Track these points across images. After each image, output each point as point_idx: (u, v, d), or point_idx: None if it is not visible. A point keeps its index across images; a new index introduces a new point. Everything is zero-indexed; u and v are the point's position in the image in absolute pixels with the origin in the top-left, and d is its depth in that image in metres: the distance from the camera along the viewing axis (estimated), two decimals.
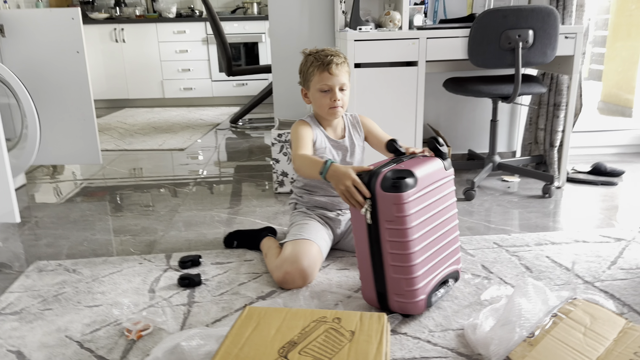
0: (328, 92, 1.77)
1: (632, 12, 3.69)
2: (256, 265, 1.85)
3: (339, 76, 1.76)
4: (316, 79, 1.77)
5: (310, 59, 1.79)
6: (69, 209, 2.52)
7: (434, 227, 1.48)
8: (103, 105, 5.75)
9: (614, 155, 3.29)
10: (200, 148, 3.77)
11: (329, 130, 1.90)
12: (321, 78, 1.76)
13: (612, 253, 1.90)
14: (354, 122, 1.95)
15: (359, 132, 1.93)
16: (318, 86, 1.78)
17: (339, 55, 1.78)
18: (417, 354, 1.33)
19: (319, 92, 1.79)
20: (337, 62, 1.75)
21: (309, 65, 1.79)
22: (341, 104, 1.79)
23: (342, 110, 1.81)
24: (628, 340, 1.19)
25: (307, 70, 1.80)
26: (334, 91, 1.77)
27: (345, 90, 1.80)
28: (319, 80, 1.77)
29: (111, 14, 5.69)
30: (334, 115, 1.82)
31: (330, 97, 1.78)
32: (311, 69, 1.78)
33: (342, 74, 1.77)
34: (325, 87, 1.77)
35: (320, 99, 1.79)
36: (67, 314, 1.56)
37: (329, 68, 1.74)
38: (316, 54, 1.79)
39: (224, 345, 1.11)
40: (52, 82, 2.65)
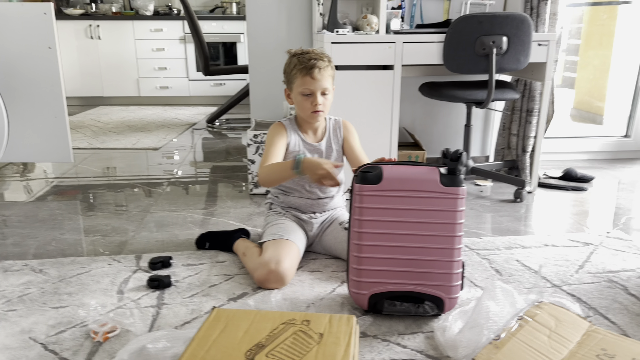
0: (310, 96, 1.77)
1: (604, 21, 3.78)
2: (228, 267, 1.84)
3: (321, 81, 1.75)
4: (299, 82, 1.77)
5: (293, 61, 1.78)
6: (38, 208, 2.47)
7: (403, 235, 1.45)
8: (77, 103, 5.66)
9: (584, 161, 3.36)
10: (175, 148, 3.73)
11: (308, 132, 1.90)
12: (303, 82, 1.76)
13: (580, 257, 1.94)
14: (336, 127, 1.94)
15: (338, 138, 1.93)
16: (300, 89, 1.77)
17: (322, 59, 1.76)
18: (387, 356, 1.34)
19: (301, 95, 1.78)
20: (321, 67, 1.74)
21: (292, 68, 1.78)
22: (322, 108, 1.79)
23: (323, 114, 1.82)
24: (591, 343, 1.21)
25: (290, 73, 1.80)
26: (315, 95, 1.76)
27: (328, 94, 1.79)
28: (301, 83, 1.76)
29: (87, 10, 5.60)
30: (315, 119, 1.83)
31: (312, 101, 1.77)
32: (294, 71, 1.77)
33: (325, 79, 1.76)
34: (307, 91, 1.76)
35: (302, 103, 1.79)
36: (31, 315, 1.52)
37: (311, 72, 1.74)
38: (300, 56, 1.77)
39: (190, 347, 1.09)
40: (22, 78, 2.59)
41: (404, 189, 1.44)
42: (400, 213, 1.44)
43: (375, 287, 1.48)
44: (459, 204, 1.44)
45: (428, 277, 1.46)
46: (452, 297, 1.48)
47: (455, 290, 1.48)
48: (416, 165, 1.48)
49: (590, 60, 3.97)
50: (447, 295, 1.47)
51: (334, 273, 1.79)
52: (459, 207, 1.44)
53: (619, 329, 1.46)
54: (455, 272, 1.46)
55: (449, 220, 1.44)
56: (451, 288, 1.47)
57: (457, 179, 1.44)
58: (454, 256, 1.45)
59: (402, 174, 1.45)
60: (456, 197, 1.43)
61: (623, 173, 3.12)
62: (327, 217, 1.95)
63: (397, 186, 1.44)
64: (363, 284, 1.49)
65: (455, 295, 1.48)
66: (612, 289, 1.69)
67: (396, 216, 1.45)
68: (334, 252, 1.91)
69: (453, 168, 1.44)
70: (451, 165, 1.45)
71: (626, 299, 1.63)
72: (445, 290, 1.47)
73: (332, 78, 1.81)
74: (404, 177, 1.44)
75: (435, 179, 1.44)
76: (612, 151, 3.43)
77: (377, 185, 1.44)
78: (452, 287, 1.47)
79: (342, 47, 2.40)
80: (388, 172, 1.45)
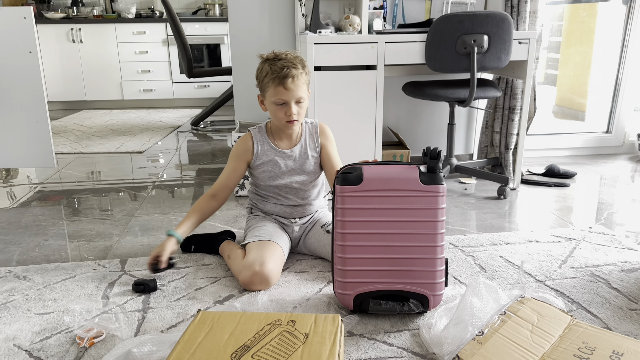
0: (283, 106, 1.72)
1: (584, 19, 3.82)
2: (214, 269, 1.84)
3: (295, 90, 1.69)
4: (271, 91, 1.71)
5: (265, 69, 1.71)
6: (21, 214, 2.44)
7: (386, 234, 1.46)
8: (59, 107, 5.61)
9: (567, 157, 3.40)
10: (160, 151, 3.72)
11: (282, 138, 1.85)
12: (276, 92, 1.69)
13: (563, 252, 1.96)
14: (313, 131, 1.88)
15: (315, 142, 1.88)
16: (273, 99, 1.72)
17: (296, 66, 1.68)
18: (373, 354, 1.35)
19: (274, 104, 1.73)
20: (294, 75, 1.67)
21: (264, 75, 1.71)
22: (297, 118, 1.74)
23: (298, 123, 1.78)
24: (572, 336, 1.23)
25: (262, 80, 1.73)
26: (290, 105, 1.71)
27: (303, 102, 1.74)
28: (274, 93, 1.70)
29: (68, 13, 5.56)
30: (289, 128, 1.79)
31: (286, 111, 1.72)
32: (266, 80, 1.70)
33: (299, 87, 1.69)
34: (280, 101, 1.71)
35: (276, 112, 1.74)
36: (16, 322, 1.51)
37: (284, 82, 1.67)
38: (272, 64, 1.69)
39: (175, 350, 1.09)
40: (3, 83, 2.57)
41: (384, 188, 1.44)
42: (382, 213, 1.45)
43: (360, 287, 1.49)
44: (440, 202, 1.45)
45: (412, 275, 1.47)
46: (437, 294, 1.49)
47: (439, 288, 1.49)
48: (396, 164, 1.49)
49: (571, 57, 4.02)
50: (432, 293, 1.48)
51: (320, 273, 1.80)
52: (439, 205, 1.45)
53: (602, 322, 1.49)
54: (438, 270, 1.47)
55: (430, 218, 1.45)
56: (435, 285, 1.48)
57: (436, 177, 1.45)
58: (436, 254, 1.46)
59: (383, 173, 1.45)
60: (437, 195, 1.44)
61: (605, 168, 3.16)
62: (309, 220, 1.95)
63: (378, 186, 1.44)
64: (348, 285, 1.49)
65: (439, 293, 1.49)
66: (595, 283, 1.72)
67: (378, 216, 1.45)
68: (318, 255, 1.91)
69: (432, 166, 1.45)
70: (431, 163, 1.45)
71: (608, 293, 1.65)
72: (429, 288, 1.48)
73: (306, 85, 1.74)
74: (384, 177, 1.45)
75: (415, 177, 1.44)
76: (593, 147, 3.48)
77: (358, 186, 1.45)
78: (435, 284, 1.48)
79: (325, 48, 2.41)
80: (369, 173, 1.45)
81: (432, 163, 1.45)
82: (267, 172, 1.85)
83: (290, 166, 1.86)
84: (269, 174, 1.85)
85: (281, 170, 1.85)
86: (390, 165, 1.49)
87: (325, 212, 2.00)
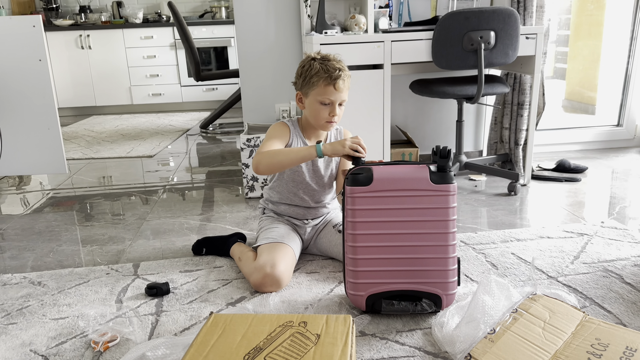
0: (328, 106, 1.73)
1: (592, 11, 3.79)
2: (226, 271, 1.85)
3: (342, 92, 1.72)
4: (319, 90, 1.71)
5: (316, 67, 1.71)
6: (35, 220, 2.47)
7: (397, 235, 1.46)
8: (70, 113, 5.66)
9: (577, 152, 3.38)
10: (170, 154, 3.74)
11: (311, 138, 1.87)
12: (325, 91, 1.70)
13: (575, 248, 1.95)
14: (338, 136, 1.92)
15: None
16: (319, 98, 1.72)
17: (345, 70, 1.73)
18: (386, 354, 1.35)
19: (318, 103, 1.73)
20: (344, 78, 1.71)
21: (313, 73, 1.71)
22: (337, 120, 1.76)
23: (335, 124, 1.79)
24: (585, 333, 1.22)
25: (310, 78, 1.73)
26: (334, 106, 1.73)
27: (343, 105, 1.77)
28: (322, 92, 1.71)
29: (76, 20, 5.61)
30: (327, 128, 1.80)
31: (330, 111, 1.73)
32: (315, 78, 1.70)
33: (345, 90, 1.73)
34: (327, 100, 1.72)
35: (319, 110, 1.74)
36: (31, 328, 1.53)
37: (335, 83, 1.69)
38: (324, 63, 1.71)
39: (188, 353, 1.10)
40: (14, 91, 2.60)
41: (395, 188, 1.44)
42: (393, 213, 1.45)
43: (372, 287, 1.49)
44: (451, 201, 1.44)
45: (424, 275, 1.47)
46: (449, 293, 1.48)
47: (452, 287, 1.48)
48: (406, 164, 1.49)
49: (580, 51, 3.99)
50: (444, 292, 1.47)
51: (331, 274, 1.80)
52: (450, 204, 1.44)
53: (615, 317, 1.48)
54: (450, 269, 1.47)
55: (441, 218, 1.44)
56: (448, 284, 1.47)
57: (447, 176, 1.44)
58: (448, 253, 1.45)
59: (393, 173, 1.45)
60: (447, 194, 1.43)
61: (616, 162, 3.14)
62: (321, 221, 1.96)
63: (388, 186, 1.44)
64: (360, 285, 1.49)
65: (452, 292, 1.49)
66: (608, 278, 1.71)
67: (389, 216, 1.45)
68: (329, 255, 1.92)
69: (442, 165, 1.44)
70: (441, 162, 1.44)
71: (622, 288, 1.64)
72: (442, 287, 1.47)
73: (348, 89, 1.77)
74: (394, 177, 1.44)
75: (426, 176, 1.44)
76: (604, 140, 3.45)
77: (368, 187, 1.45)
78: (448, 283, 1.47)
79: (331, 48, 2.41)
80: (378, 173, 1.45)
81: (442, 162, 1.44)
82: (293, 168, 1.85)
83: (315, 166, 1.87)
84: (294, 169, 1.85)
85: (308, 167, 1.86)
86: (400, 165, 1.49)
87: (337, 213, 2.00)
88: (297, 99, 1.83)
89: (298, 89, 1.80)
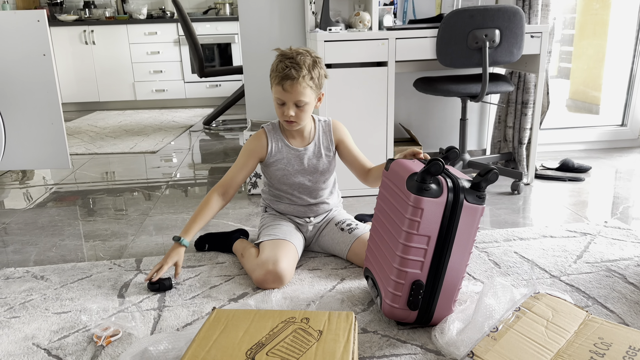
0: (282, 105, 1.72)
1: (597, 11, 3.78)
2: (228, 267, 1.85)
3: (293, 93, 1.67)
4: (274, 89, 1.72)
5: (273, 65, 1.71)
6: (38, 215, 2.48)
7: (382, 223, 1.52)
8: (73, 109, 5.67)
9: (581, 151, 3.37)
10: (173, 150, 3.74)
11: (295, 137, 1.85)
12: (276, 90, 1.70)
13: (578, 247, 1.95)
14: (326, 129, 1.88)
15: (329, 140, 1.87)
16: (275, 96, 1.73)
17: (300, 69, 1.65)
18: (388, 351, 1.35)
19: (275, 102, 1.75)
20: (294, 78, 1.64)
21: (271, 71, 1.73)
22: (295, 119, 1.72)
23: (297, 124, 1.76)
24: (588, 332, 1.22)
25: (270, 74, 1.74)
26: (288, 106, 1.70)
27: (303, 106, 1.70)
28: (274, 91, 1.72)
29: (80, 15, 5.61)
30: (289, 127, 1.78)
31: (284, 111, 1.72)
32: (272, 75, 1.71)
33: (298, 91, 1.66)
34: (279, 100, 1.72)
35: (277, 109, 1.75)
36: (34, 322, 1.53)
37: (283, 83, 1.67)
38: (280, 62, 1.68)
39: (191, 348, 1.11)
40: (18, 86, 2.60)
41: (393, 180, 1.48)
42: (387, 203, 1.50)
43: (367, 262, 1.61)
44: (412, 212, 1.31)
45: (382, 272, 1.45)
46: (389, 303, 1.40)
47: (393, 298, 1.38)
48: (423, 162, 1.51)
49: (585, 50, 3.98)
50: (386, 298, 1.41)
51: (333, 271, 1.80)
52: (412, 215, 1.32)
53: (618, 317, 1.47)
54: (395, 279, 1.37)
55: (402, 225, 1.34)
56: (391, 294, 1.39)
57: (418, 186, 1.31)
58: (395, 261, 1.36)
59: (402, 167, 1.45)
60: (411, 205, 1.31)
61: (620, 162, 3.13)
62: (323, 219, 1.95)
63: (392, 177, 1.49)
64: (366, 256, 1.63)
65: (392, 304, 1.39)
66: (611, 278, 1.71)
67: (385, 204, 1.52)
68: (331, 252, 1.92)
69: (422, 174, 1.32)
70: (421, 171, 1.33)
71: (625, 288, 1.64)
72: (385, 292, 1.42)
73: (311, 88, 1.70)
74: (398, 171, 1.46)
75: (404, 178, 1.37)
76: (608, 140, 3.44)
77: (387, 172, 1.55)
78: (391, 293, 1.38)
79: (335, 45, 2.41)
80: (396, 163, 1.50)
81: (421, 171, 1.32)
82: (280, 170, 1.85)
83: (303, 164, 1.85)
84: (282, 172, 1.85)
85: (294, 168, 1.85)
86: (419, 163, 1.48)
87: (339, 211, 1.99)
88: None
89: None
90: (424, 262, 1.35)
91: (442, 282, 1.37)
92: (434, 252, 1.35)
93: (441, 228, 1.33)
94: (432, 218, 1.32)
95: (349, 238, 1.84)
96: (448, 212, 1.33)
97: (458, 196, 1.33)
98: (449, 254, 1.35)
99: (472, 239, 1.36)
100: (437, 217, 1.32)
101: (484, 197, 1.36)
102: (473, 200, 1.34)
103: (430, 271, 1.37)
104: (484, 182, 1.35)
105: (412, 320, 1.42)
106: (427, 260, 1.35)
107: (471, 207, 1.34)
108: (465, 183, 1.36)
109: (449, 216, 1.33)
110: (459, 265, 1.37)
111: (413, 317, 1.41)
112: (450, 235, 1.34)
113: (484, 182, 1.35)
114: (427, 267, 1.36)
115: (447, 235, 1.34)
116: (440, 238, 1.34)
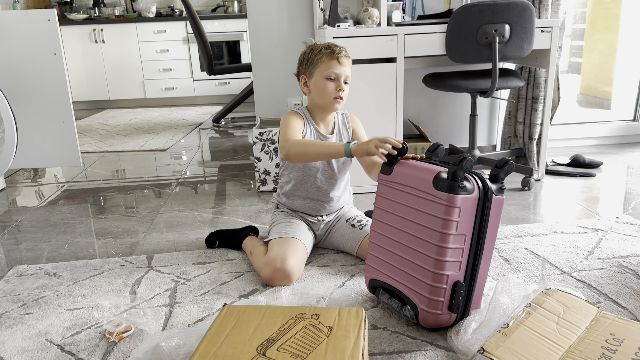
0: (334, 81, 1.76)
1: (608, 5, 3.74)
2: (238, 264, 1.86)
3: (346, 67, 1.77)
4: (324, 65, 1.74)
5: (318, 47, 1.78)
6: (50, 212, 2.50)
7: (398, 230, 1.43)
8: (84, 107, 5.71)
9: (592, 147, 3.34)
10: (182, 148, 3.76)
11: (319, 125, 1.87)
12: (330, 65, 1.74)
13: (590, 243, 1.93)
14: (345, 120, 1.93)
15: (347, 131, 1.92)
16: (325, 73, 1.75)
17: (346, 51, 1.79)
18: (397, 347, 1.35)
19: (324, 79, 1.75)
20: (346, 55, 1.77)
21: (316, 52, 1.76)
22: (343, 96, 1.78)
23: (342, 102, 1.79)
24: (600, 328, 1.21)
25: (313, 57, 1.77)
26: (340, 81, 1.76)
27: (348, 84, 1.79)
28: (327, 67, 1.74)
29: (90, 14, 5.64)
30: (334, 105, 1.79)
31: (337, 86, 1.76)
32: (319, 55, 1.75)
33: (348, 67, 1.78)
34: (333, 74, 1.74)
35: (325, 87, 1.76)
36: (47, 318, 1.55)
37: (338, 57, 1.74)
38: (317, 46, 1.79)
39: (202, 344, 1.11)
40: (29, 84, 2.62)
41: (405, 184, 1.42)
42: (400, 208, 1.42)
43: (375, 274, 1.52)
44: (447, 212, 1.29)
45: (410, 280, 1.39)
46: (429, 310, 1.35)
47: (433, 305, 1.34)
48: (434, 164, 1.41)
49: (596, 45, 3.94)
50: (423, 307, 1.35)
51: (343, 267, 1.81)
52: (447, 215, 1.29)
53: (630, 313, 1.46)
54: (433, 284, 1.33)
55: (435, 227, 1.31)
56: (428, 300, 1.34)
57: (451, 185, 1.29)
58: (433, 266, 1.32)
59: (411, 168, 1.42)
60: (445, 204, 1.29)
61: (632, 157, 3.10)
62: (334, 217, 1.95)
63: (401, 180, 1.43)
64: (368, 267, 1.55)
65: (432, 311, 1.34)
66: (622, 274, 1.69)
67: (397, 210, 1.43)
68: (341, 249, 1.92)
69: (454, 172, 1.30)
70: (452, 169, 1.31)
71: (637, 284, 1.63)
72: (421, 301, 1.35)
73: (351, 70, 1.81)
74: (408, 172, 1.42)
75: (429, 179, 1.34)
76: (620, 135, 3.41)
77: (389, 176, 1.47)
78: (428, 299, 1.34)
79: (344, 42, 2.40)
80: (401, 165, 1.45)
81: (453, 169, 1.30)
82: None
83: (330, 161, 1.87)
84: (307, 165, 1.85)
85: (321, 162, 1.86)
86: (427, 162, 1.43)
87: (350, 208, 2.00)
88: (301, 84, 1.84)
89: (302, 73, 1.83)
90: (462, 262, 1.33)
91: (477, 279, 1.37)
92: (469, 250, 1.34)
93: (474, 224, 1.33)
94: (468, 215, 1.31)
95: (359, 234, 1.84)
96: (480, 207, 1.33)
97: (487, 190, 1.33)
98: (482, 249, 1.35)
99: (497, 231, 1.38)
100: (472, 213, 1.32)
101: (504, 188, 1.38)
102: (498, 192, 1.36)
103: (467, 270, 1.35)
104: (502, 173, 1.36)
105: (451, 323, 1.38)
106: (464, 260, 1.33)
107: (498, 200, 1.36)
108: (485, 177, 1.37)
109: (481, 211, 1.33)
110: (488, 260, 1.38)
111: (453, 319, 1.38)
112: (483, 230, 1.34)
113: (502, 174, 1.36)
114: (464, 267, 1.34)
115: (479, 230, 1.34)
116: (474, 235, 1.34)
